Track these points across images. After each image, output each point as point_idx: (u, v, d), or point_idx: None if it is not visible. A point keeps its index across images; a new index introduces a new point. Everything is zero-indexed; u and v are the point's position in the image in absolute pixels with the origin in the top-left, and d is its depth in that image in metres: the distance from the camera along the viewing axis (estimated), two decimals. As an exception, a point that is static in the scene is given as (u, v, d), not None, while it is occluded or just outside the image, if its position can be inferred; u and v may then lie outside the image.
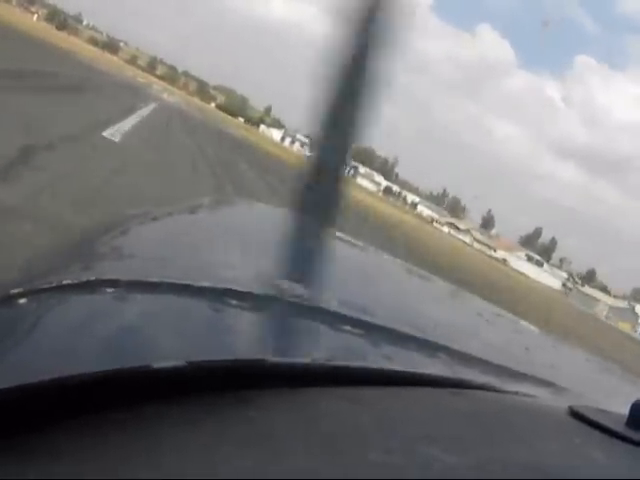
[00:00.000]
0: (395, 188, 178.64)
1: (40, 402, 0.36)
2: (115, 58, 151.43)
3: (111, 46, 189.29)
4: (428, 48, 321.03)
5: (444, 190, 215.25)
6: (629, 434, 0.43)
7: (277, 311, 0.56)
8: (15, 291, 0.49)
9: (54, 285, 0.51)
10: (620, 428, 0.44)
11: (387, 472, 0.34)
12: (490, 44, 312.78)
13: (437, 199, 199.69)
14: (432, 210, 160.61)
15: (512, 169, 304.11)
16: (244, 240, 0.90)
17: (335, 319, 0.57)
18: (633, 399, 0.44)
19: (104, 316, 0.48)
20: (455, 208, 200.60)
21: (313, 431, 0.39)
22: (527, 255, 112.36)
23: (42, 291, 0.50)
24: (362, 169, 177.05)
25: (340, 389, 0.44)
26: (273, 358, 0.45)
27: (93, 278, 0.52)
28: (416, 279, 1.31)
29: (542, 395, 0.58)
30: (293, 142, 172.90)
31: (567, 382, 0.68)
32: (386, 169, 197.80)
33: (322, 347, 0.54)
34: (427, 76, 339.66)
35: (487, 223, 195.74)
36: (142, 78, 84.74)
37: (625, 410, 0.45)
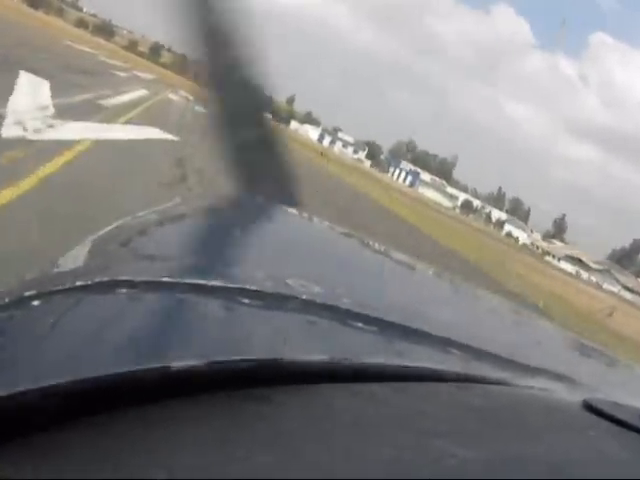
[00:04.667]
0: (477, 203, 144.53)
1: (58, 403, 0.37)
2: (108, 44, 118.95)
3: (105, 30, 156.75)
4: (441, 29, 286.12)
5: (499, 189, 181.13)
6: None
7: (291, 309, 0.57)
8: (29, 293, 0.50)
9: (68, 287, 0.51)
10: (635, 421, 0.44)
11: (401, 467, 0.34)
12: (506, 22, 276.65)
13: (496, 201, 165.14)
14: (522, 230, 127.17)
15: (533, 153, 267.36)
16: (256, 239, 0.91)
17: (348, 317, 0.58)
18: None
19: (118, 317, 0.48)
20: (517, 212, 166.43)
21: (328, 428, 0.39)
22: None
23: (56, 293, 0.51)
24: (425, 176, 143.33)
25: (354, 385, 0.45)
26: (288, 356, 0.45)
27: (106, 279, 0.53)
28: (428, 275, 1.31)
29: (556, 389, 0.58)
30: (333, 142, 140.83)
31: (581, 376, 0.67)
32: (445, 170, 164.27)
33: (336, 344, 0.54)
34: (441, 59, 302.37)
35: (559, 231, 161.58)
36: (122, 62, 50.02)
37: None
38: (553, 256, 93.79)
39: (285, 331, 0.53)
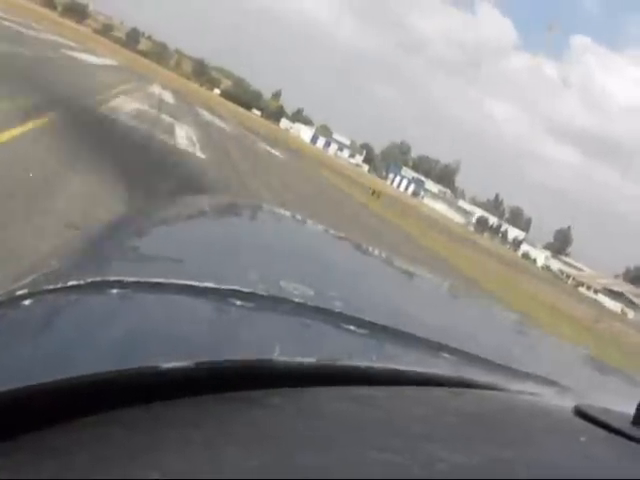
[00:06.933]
0: (494, 221, 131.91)
1: (48, 402, 0.37)
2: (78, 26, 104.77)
3: (76, 11, 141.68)
4: (426, 28, 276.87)
5: (496, 196, 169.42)
6: (635, 433, 0.43)
7: (283, 312, 0.57)
8: (21, 292, 0.50)
9: (60, 286, 0.51)
10: (626, 427, 0.44)
11: (392, 471, 0.34)
12: (490, 23, 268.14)
13: (492, 208, 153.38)
14: (536, 248, 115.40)
15: (519, 154, 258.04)
16: (249, 241, 0.91)
17: (340, 320, 0.58)
18: (638, 398, 0.44)
19: (110, 317, 0.48)
20: (517, 221, 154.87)
21: (319, 430, 0.39)
22: None
23: (48, 292, 0.50)
24: (431, 185, 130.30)
25: (345, 389, 0.45)
26: (279, 358, 0.45)
27: (98, 279, 0.53)
28: (420, 280, 1.31)
29: (547, 394, 0.58)
30: (328, 144, 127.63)
31: (572, 382, 0.67)
32: (446, 176, 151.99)
33: (328, 347, 0.54)
34: (424, 57, 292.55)
35: (563, 243, 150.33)
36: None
37: (630, 410, 0.45)
38: (588, 287, 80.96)
39: (277, 333, 0.53)
